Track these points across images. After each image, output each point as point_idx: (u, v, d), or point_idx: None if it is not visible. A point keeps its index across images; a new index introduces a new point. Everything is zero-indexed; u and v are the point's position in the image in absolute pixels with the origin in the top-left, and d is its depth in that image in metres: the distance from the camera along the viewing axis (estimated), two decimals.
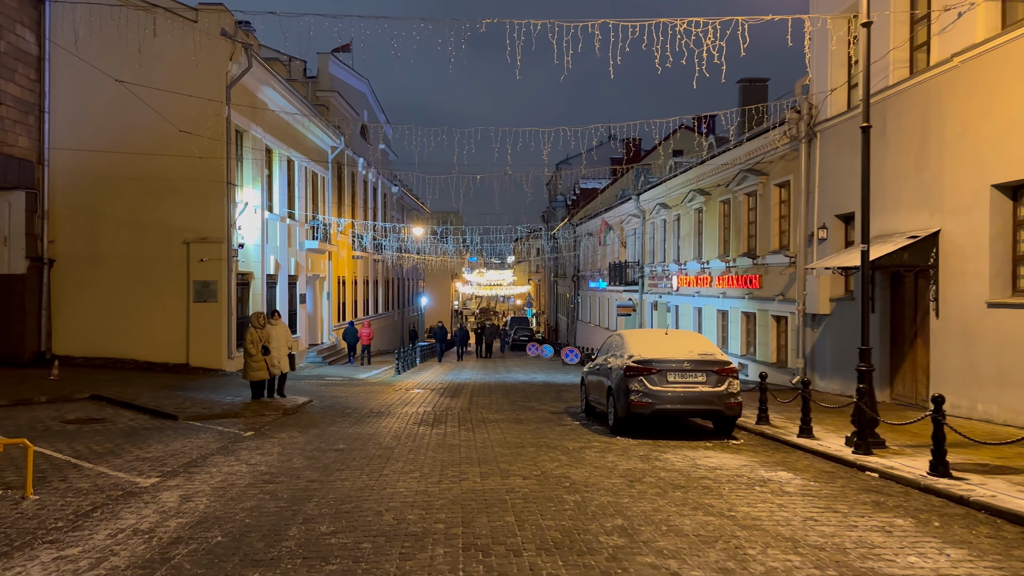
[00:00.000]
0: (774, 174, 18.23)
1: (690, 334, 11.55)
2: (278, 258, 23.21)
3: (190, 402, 12.64)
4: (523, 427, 10.88)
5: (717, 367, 9.81)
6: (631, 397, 9.68)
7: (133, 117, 18.20)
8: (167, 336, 18.69)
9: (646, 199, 29.64)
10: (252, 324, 13.42)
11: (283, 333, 13.96)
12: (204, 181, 18.51)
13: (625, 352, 10.26)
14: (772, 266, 18.25)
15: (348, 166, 33.40)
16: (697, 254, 23.67)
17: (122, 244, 18.77)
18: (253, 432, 10.22)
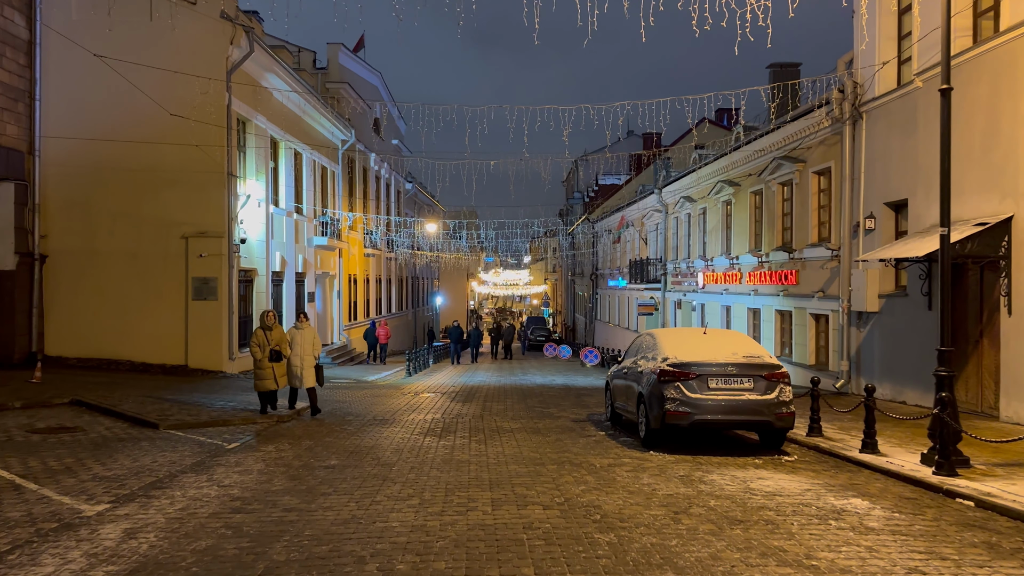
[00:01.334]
0: (812, 161, 16.84)
1: (732, 333, 10.24)
2: (284, 255, 22.19)
3: (178, 408, 11.57)
4: (542, 438, 9.66)
5: (766, 371, 8.52)
6: (666, 406, 8.42)
7: (129, 104, 17.24)
8: (165, 336, 17.71)
9: (669, 192, 28.27)
10: (260, 324, 11.59)
11: (308, 339, 11.88)
12: (204, 172, 17.50)
13: (658, 354, 9.00)
14: (810, 260, 16.85)
15: (360, 161, 32.41)
16: (725, 249, 22.28)
17: (118, 239, 17.82)
18: (238, 444, 9.10)
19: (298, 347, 11.63)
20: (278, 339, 11.33)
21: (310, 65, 29.25)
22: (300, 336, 11.70)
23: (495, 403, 14.22)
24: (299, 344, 11.65)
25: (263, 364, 11.09)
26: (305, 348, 11.72)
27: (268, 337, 11.23)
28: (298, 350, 11.63)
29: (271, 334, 11.30)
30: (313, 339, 11.91)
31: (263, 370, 11.10)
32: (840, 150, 15.33)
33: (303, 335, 11.74)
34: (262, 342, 11.16)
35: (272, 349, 11.14)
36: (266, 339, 11.19)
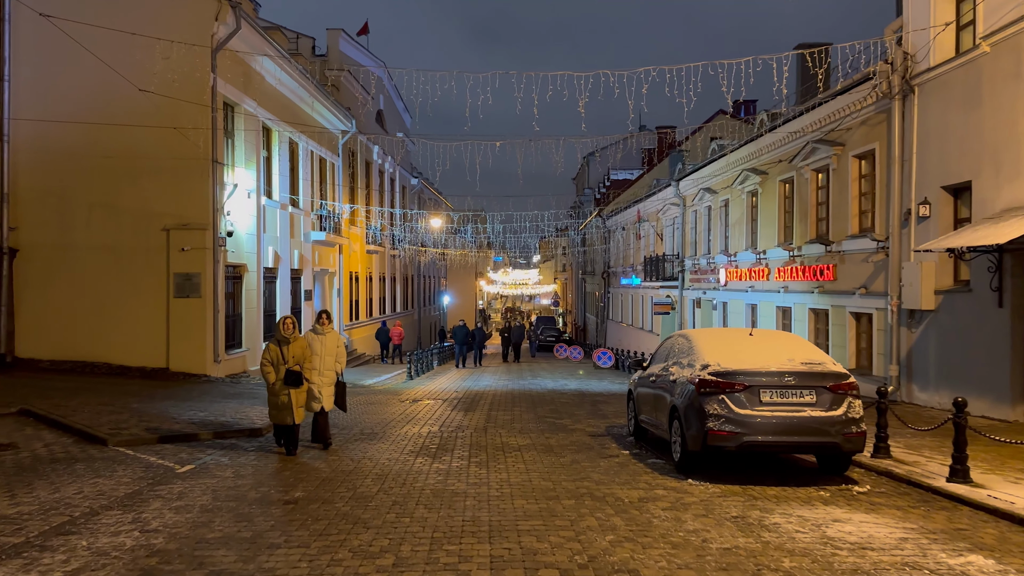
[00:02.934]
0: (852, 143, 15.22)
1: (785, 335, 8.66)
2: (278, 249, 20.78)
3: (138, 419, 10.14)
4: (555, 459, 8.14)
5: (831, 382, 6.96)
6: (708, 424, 6.88)
7: (107, 86, 15.84)
8: (144, 337, 16.32)
9: (687, 184, 26.67)
10: (275, 336, 8.69)
11: (331, 348, 8.97)
12: (187, 159, 16.10)
13: (696, 359, 7.46)
14: (850, 253, 15.24)
15: (362, 153, 30.98)
16: (751, 243, 20.67)
17: (95, 231, 16.45)
18: (193, 466, 7.65)
19: (318, 359, 8.83)
20: (299, 355, 8.44)
21: (309, 52, 27.89)
22: (321, 344, 8.88)
23: (501, 412, 12.71)
24: (319, 355, 8.85)
25: (277, 389, 8.31)
26: (326, 361, 8.86)
27: (285, 352, 8.38)
28: (317, 363, 8.81)
29: (289, 348, 8.40)
30: (337, 347, 9.00)
31: (277, 397, 8.33)
32: (887, 129, 13.72)
33: (325, 343, 8.88)
34: (276, 359, 8.37)
35: (290, 370, 8.28)
36: (281, 355, 8.38)
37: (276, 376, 8.31)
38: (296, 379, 8.31)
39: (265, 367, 8.38)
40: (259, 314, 19.09)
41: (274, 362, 8.34)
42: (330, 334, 8.98)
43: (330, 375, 8.91)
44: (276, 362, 8.34)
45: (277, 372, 8.32)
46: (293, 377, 8.31)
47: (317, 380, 8.76)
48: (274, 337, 8.59)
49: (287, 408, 8.29)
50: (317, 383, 8.75)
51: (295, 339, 8.50)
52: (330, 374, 8.91)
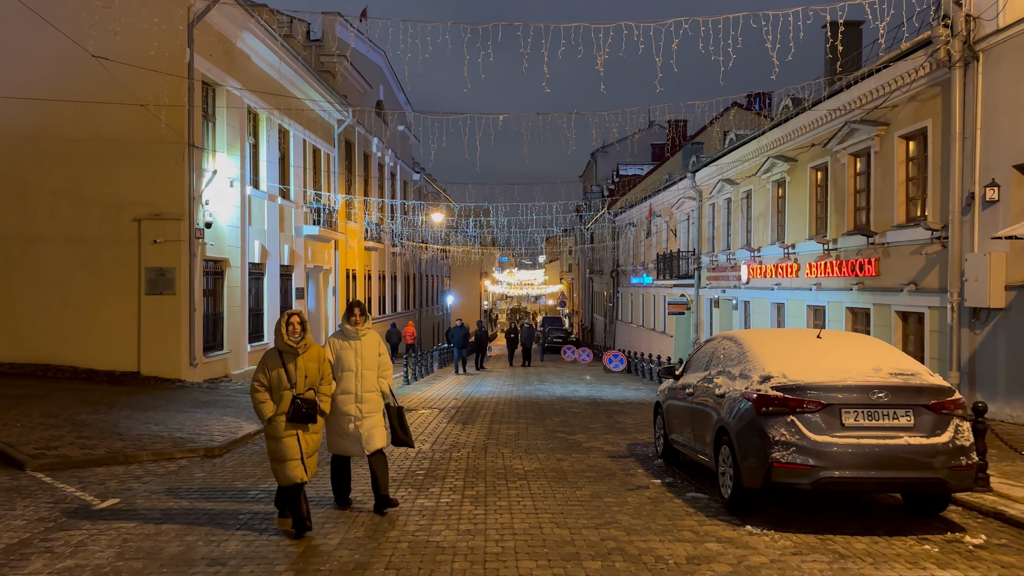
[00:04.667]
0: (899, 122, 13.60)
1: (861, 337, 7.02)
2: (266, 244, 19.28)
3: (78, 434, 8.62)
4: (570, 491, 6.57)
5: (932, 398, 5.37)
6: (773, 454, 5.29)
7: (70, 61, 14.37)
8: (113, 337, 14.85)
9: (704, 176, 25.05)
10: (275, 342, 5.56)
11: (371, 356, 6.03)
12: (160, 143, 14.62)
13: (752, 368, 5.86)
14: (896, 245, 13.62)
15: (360, 145, 29.48)
16: (777, 237, 19.04)
17: (58, 222, 14.98)
18: (116, 501, 6.12)
19: (352, 377, 5.87)
20: (313, 374, 5.49)
21: (303, 37, 26.39)
22: (354, 354, 5.91)
23: (504, 425, 11.10)
24: (354, 371, 5.88)
25: (279, 429, 5.35)
26: (366, 378, 5.91)
27: (291, 370, 5.39)
28: (352, 380, 5.86)
29: (298, 364, 5.42)
30: (380, 355, 6.08)
31: (279, 441, 5.35)
32: (943, 104, 12.09)
33: (362, 351, 5.94)
34: (275, 381, 5.37)
35: (299, 398, 5.35)
36: (285, 375, 5.37)
37: (275, 408, 5.30)
38: (306, 413, 5.28)
39: (257, 394, 5.34)
40: (243, 313, 17.58)
41: (272, 386, 5.31)
42: (368, 336, 5.99)
43: (373, 399, 5.88)
44: (275, 386, 5.31)
45: (277, 402, 5.31)
46: (303, 410, 5.27)
47: (353, 409, 5.80)
48: (272, 348, 5.52)
49: (295, 457, 5.28)
50: (353, 414, 5.79)
51: (306, 348, 5.41)
52: (373, 398, 5.88)
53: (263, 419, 5.38)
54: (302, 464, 5.33)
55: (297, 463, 5.32)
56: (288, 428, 5.34)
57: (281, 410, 5.32)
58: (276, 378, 5.34)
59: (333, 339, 6.08)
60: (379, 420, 5.97)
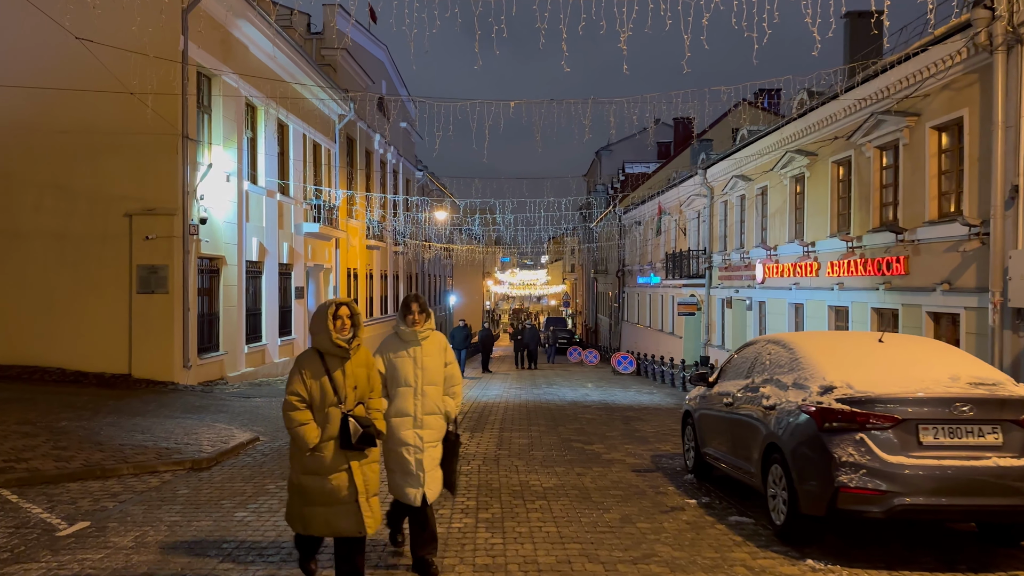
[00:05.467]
0: (931, 112, 12.86)
1: (927, 341, 6.28)
2: (264, 241, 18.60)
3: (55, 443, 7.93)
4: (596, 513, 5.85)
5: (1020, 412, 4.64)
6: (839, 477, 4.58)
7: (58, 49, 13.71)
8: (103, 338, 14.19)
9: (716, 172, 24.33)
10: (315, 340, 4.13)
11: (436, 366, 4.64)
12: (152, 134, 13.96)
13: (808, 376, 5.14)
14: (928, 243, 12.88)
15: (362, 142, 28.79)
16: (796, 234, 18.31)
17: (45, 217, 14.33)
18: (87, 523, 5.42)
19: (410, 392, 4.56)
20: (364, 384, 4.19)
21: (304, 30, 25.71)
22: (413, 363, 4.59)
23: (515, 433, 10.38)
24: (413, 386, 4.57)
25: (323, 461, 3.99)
26: (429, 395, 4.59)
27: (337, 379, 4.07)
28: (410, 399, 4.54)
29: (347, 370, 4.11)
30: (447, 365, 4.72)
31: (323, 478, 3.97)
32: (982, 91, 11.36)
33: (423, 357, 4.61)
34: (317, 393, 4.04)
35: (350, 418, 4.03)
36: (331, 384, 4.05)
37: (320, 432, 3.95)
38: (367, 434, 3.98)
39: (296, 413, 3.95)
40: (240, 313, 16.90)
41: (312, 399, 3.99)
42: (431, 340, 4.60)
43: (436, 425, 4.54)
44: (318, 401, 3.99)
45: (322, 423, 3.97)
46: (362, 430, 3.96)
47: (412, 437, 4.42)
48: (309, 349, 4.15)
49: (345, 501, 3.92)
50: (412, 442, 4.41)
51: (357, 349, 4.11)
52: (436, 423, 4.53)
53: (304, 447, 3.90)
54: (355, 510, 3.84)
55: (350, 508, 3.82)
56: (337, 458, 3.90)
57: (329, 434, 3.92)
58: (319, 390, 3.95)
59: (392, 339, 4.64)
60: (439, 454, 4.57)
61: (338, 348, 4.03)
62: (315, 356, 4.07)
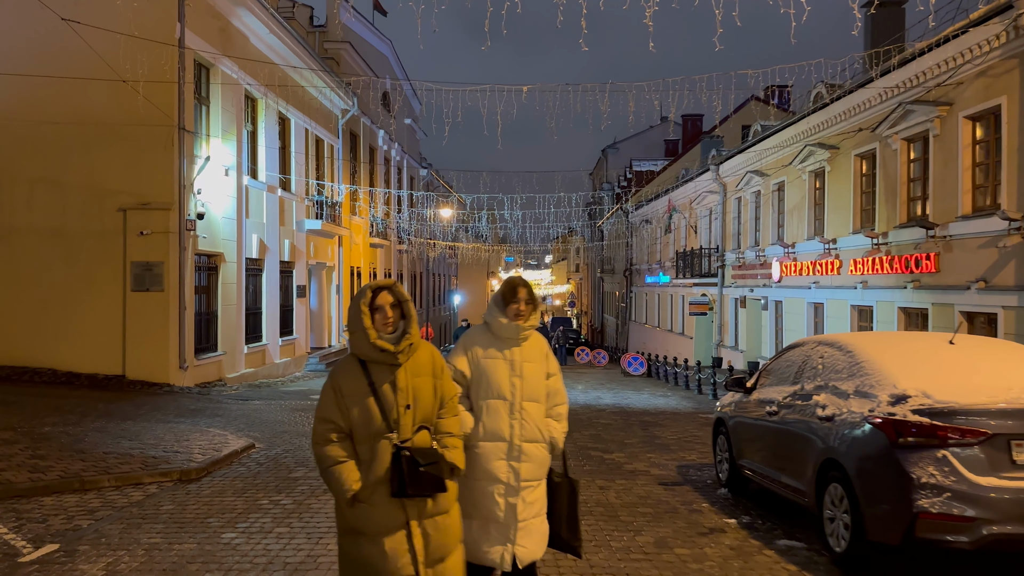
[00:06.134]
0: (964, 101, 12.21)
1: (1000, 343, 5.52)
2: (264, 238, 18.02)
3: (34, 451, 7.35)
4: (627, 536, 5.22)
5: None
6: (919, 501, 3.96)
7: (49, 36, 13.15)
8: (96, 338, 13.63)
9: (729, 169, 23.69)
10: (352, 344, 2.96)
11: (537, 376, 3.37)
12: (147, 126, 13.39)
13: (875, 383, 4.51)
14: (961, 238, 12.24)
15: (365, 137, 28.22)
16: (816, 231, 17.67)
17: (37, 212, 13.77)
18: (56, 545, 4.83)
19: (504, 407, 3.30)
20: (425, 397, 2.92)
21: (306, 22, 25.14)
22: (510, 368, 3.35)
23: None
24: (509, 395, 3.31)
25: (368, 517, 2.80)
26: (531, 413, 3.32)
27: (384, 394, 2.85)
28: (504, 417, 3.29)
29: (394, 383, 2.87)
30: (549, 373, 3.44)
31: (369, 542, 2.79)
32: (1021, 78, 10.70)
33: (523, 362, 3.37)
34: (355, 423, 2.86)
35: (407, 449, 2.80)
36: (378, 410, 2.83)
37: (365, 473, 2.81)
38: (428, 475, 2.80)
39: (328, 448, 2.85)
40: (239, 312, 16.32)
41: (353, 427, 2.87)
42: (532, 342, 3.43)
43: (538, 456, 3.34)
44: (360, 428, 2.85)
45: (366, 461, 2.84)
46: (420, 468, 2.79)
47: (503, 470, 3.26)
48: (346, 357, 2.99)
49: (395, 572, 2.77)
50: (504, 478, 3.26)
51: (414, 348, 2.95)
52: (538, 454, 3.33)
53: (343, 496, 2.75)
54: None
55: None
56: (392, 511, 2.76)
57: (376, 475, 2.74)
58: (361, 413, 2.80)
59: (476, 331, 3.45)
60: (542, 497, 3.31)
61: (382, 353, 2.82)
62: (354, 366, 2.88)
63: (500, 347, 3.36)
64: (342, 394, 2.87)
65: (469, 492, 3.20)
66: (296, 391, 15.89)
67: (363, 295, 2.92)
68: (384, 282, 2.98)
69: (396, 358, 2.86)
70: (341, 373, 2.93)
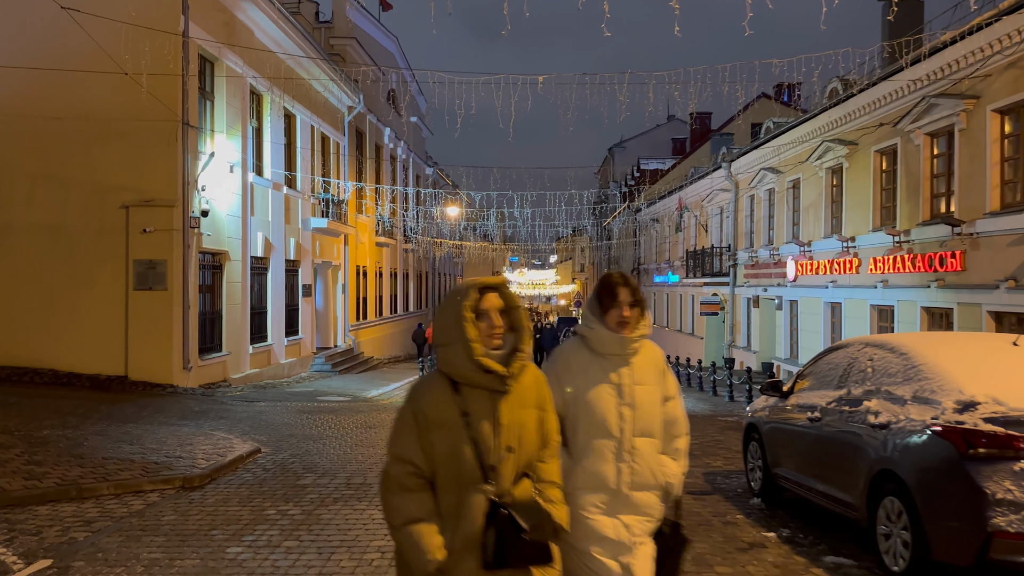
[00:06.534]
0: (992, 94, 11.81)
1: None
2: (270, 236, 17.71)
3: (30, 456, 7.03)
4: None
5: None
6: (994, 519, 3.60)
7: (50, 29, 12.86)
8: (98, 337, 13.34)
9: (741, 166, 23.30)
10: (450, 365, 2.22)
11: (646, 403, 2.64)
12: (150, 121, 13.09)
13: (937, 388, 4.15)
14: (989, 236, 11.84)
15: (371, 135, 27.91)
16: (833, 229, 17.27)
17: (37, 209, 13.48)
18: (49, 561, 4.49)
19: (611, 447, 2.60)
20: (529, 433, 2.24)
21: (312, 17, 24.85)
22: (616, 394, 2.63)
23: None
24: (616, 428, 2.60)
25: None
26: (643, 452, 2.62)
27: (480, 439, 2.15)
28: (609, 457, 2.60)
29: (496, 418, 2.18)
30: (667, 397, 2.73)
31: None
32: None
33: (633, 385, 2.65)
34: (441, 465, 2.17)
35: (502, 507, 2.11)
36: (472, 451, 2.14)
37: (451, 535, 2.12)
38: (534, 549, 2.12)
39: (405, 497, 2.15)
40: (244, 311, 16.00)
41: (437, 470, 2.17)
42: (645, 352, 2.70)
43: (652, 505, 2.64)
44: (449, 471, 2.16)
45: (452, 513, 2.14)
46: (518, 533, 2.10)
47: (609, 527, 2.56)
48: (431, 376, 2.28)
49: None
50: (612, 534, 2.55)
51: (522, 371, 2.27)
52: (651, 504, 2.63)
53: (420, 567, 2.09)
54: None
55: None
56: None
57: (464, 539, 2.10)
58: (449, 454, 2.14)
59: (562, 362, 2.71)
60: (650, 554, 2.62)
61: (486, 375, 2.16)
62: (444, 389, 2.19)
63: (603, 367, 2.60)
64: (427, 425, 2.15)
65: (574, 551, 2.51)
66: (302, 392, 15.57)
67: (465, 294, 2.22)
68: (492, 280, 2.32)
69: (504, 383, 2.18)
70: (427, 396, 2.20)
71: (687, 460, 2.76)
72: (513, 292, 2.33)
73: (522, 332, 2.27)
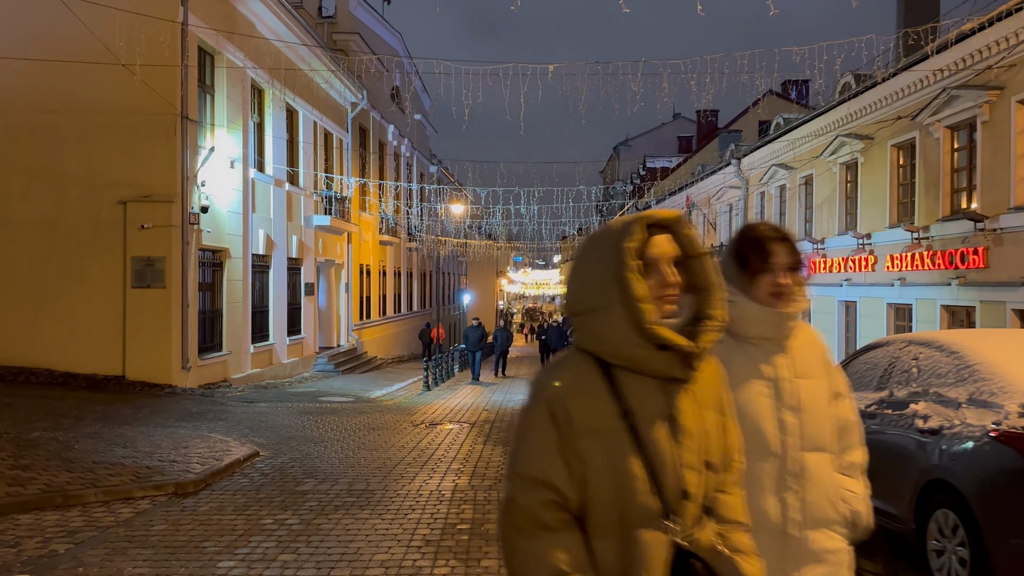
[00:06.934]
0: (1017, 85, 11.41)
1: None
2: (271, 233, 17.38)
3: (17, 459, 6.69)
4: None
5: None
6: None
7: (45, 19, 12.55)
8: (95, 336, 13.03)
9: (751, 162, 22.88)
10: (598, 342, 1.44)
11: (814, 408, 1.87)
12: (148, 114, 12.78)
13: (995, 390, 3.77)
14: (1014, 231, 11.45)
15: (375, 132, 27.58)
16: (848, 225, 16.86)
17: (32, 204, 13.17)
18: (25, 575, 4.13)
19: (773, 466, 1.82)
20: (715, 445, 1.47)
21: (315, 13, 24.54)
22: (773, 396, 1.86)
23: None
24: (778, 443, 1.83)
25: None
26: (815, 472, 1.84)
27: (654, 455, 1.38)
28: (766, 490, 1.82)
29: (672, 420, 1.41)
30: (837, 393, 1.99)
31: None
32: None
33: (796, 380, 1.89)
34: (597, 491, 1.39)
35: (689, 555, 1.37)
36: (646, 475, 1.37)
37: None
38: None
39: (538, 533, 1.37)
40: (245, 310, 15.68)
41: (590, 500, 1.39)
42: (802, 339, 1.99)
43: (833, 551, 1.84)
44: (606, 500, 1.38)
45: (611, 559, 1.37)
46: None
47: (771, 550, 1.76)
48: (571, 357, 1.49)
49: None
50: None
51: (705, 362, 1.49)
52: (834, 546, 1.85)
53: None
54: None
55: None
56: None
57: None
58: (607, 472, 1.39)
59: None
60: None
61: (661, 354, 1.42)
62: (594, 376, 1.45)
63: (750, 357, 1.86)
64: (572, 431, 1.40)
65: None
66: (304, 392, 15.23)
67: (627, 233, 1.44)
68: (662, 214, 1.49)
69: (688, 367, 1.44)
70: (570, 387, 1.44)
71: (866, 480, 1.99)
72: (694, 233, 1.52)
73: (711, 292, 1.48)
